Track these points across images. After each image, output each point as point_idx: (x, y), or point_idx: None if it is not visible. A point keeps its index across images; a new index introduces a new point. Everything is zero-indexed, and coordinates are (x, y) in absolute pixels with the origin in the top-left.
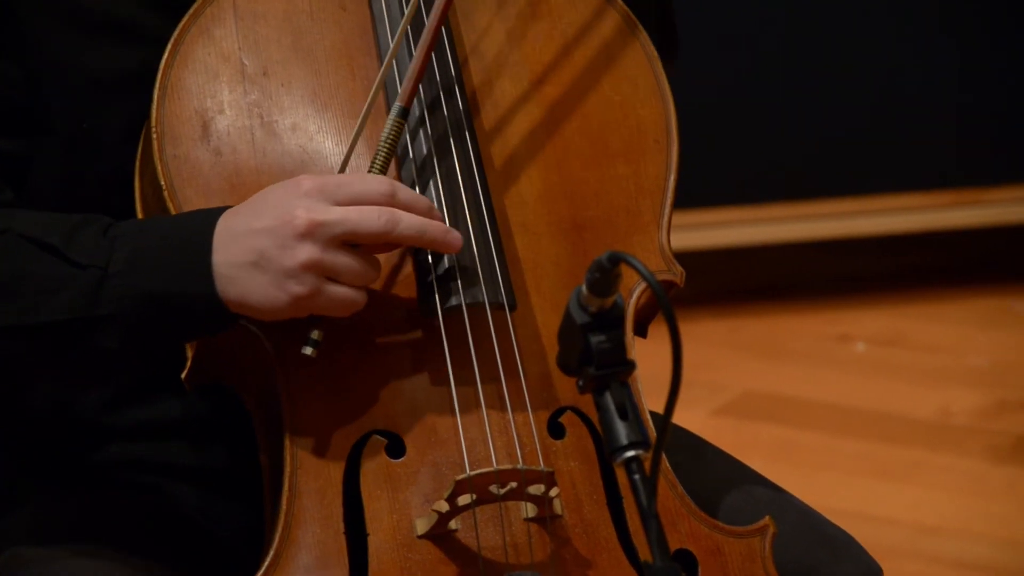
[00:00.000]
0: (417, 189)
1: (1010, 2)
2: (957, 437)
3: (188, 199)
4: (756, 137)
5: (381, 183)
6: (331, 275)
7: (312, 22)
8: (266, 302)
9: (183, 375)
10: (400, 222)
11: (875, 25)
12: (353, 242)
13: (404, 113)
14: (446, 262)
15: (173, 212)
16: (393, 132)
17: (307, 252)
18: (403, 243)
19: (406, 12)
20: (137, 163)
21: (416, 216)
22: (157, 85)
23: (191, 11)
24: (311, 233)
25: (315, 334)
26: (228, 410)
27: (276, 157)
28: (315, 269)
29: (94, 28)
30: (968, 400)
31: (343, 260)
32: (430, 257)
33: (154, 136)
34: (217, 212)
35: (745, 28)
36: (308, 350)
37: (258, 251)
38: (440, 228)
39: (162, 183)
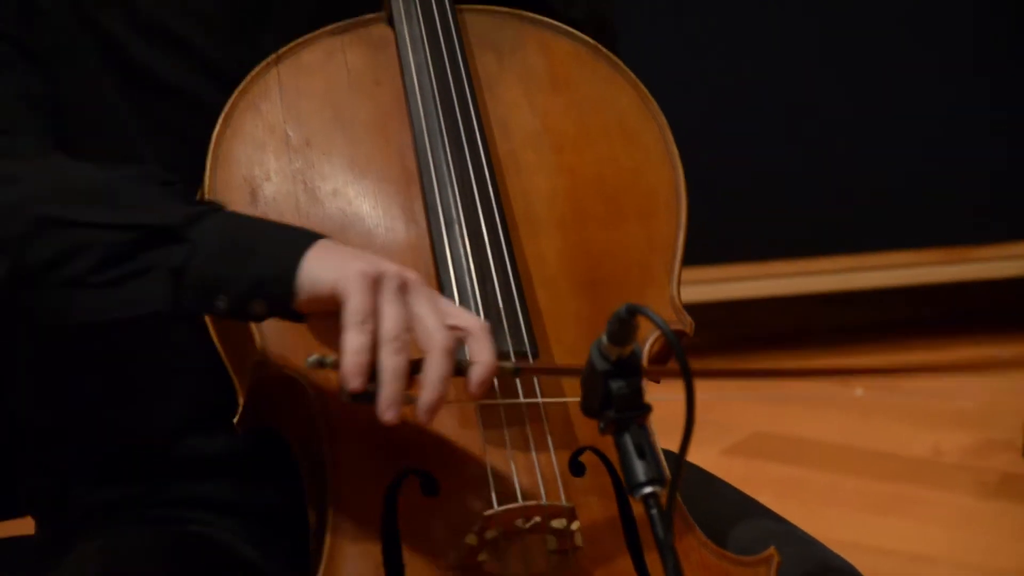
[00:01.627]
0: (446, 246)
1: (993, 75)
2: (948, 474)
3: None
4: (761, 200)
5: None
6: (403, 293)
7: (350, 96)
8: (335, 269)
9: (235, 419)
10: (448, 353)
11: (870, 101)
12: (412, 322)
13: None
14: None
15: None
16: None
17: (396, 269)
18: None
19: (435, 85)
20: None
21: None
22: (209, 155)
23: (240, 87)
24: (404, 279)
25: (319, 361)
26: (276, 451)
27: (318, 220)
28: (397, 279)
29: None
30: (957, 440)
31: (406, 305)
32: None
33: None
34: None
35: (752, 101)
36: (312, 362)
37: (353, 252)
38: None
39: None
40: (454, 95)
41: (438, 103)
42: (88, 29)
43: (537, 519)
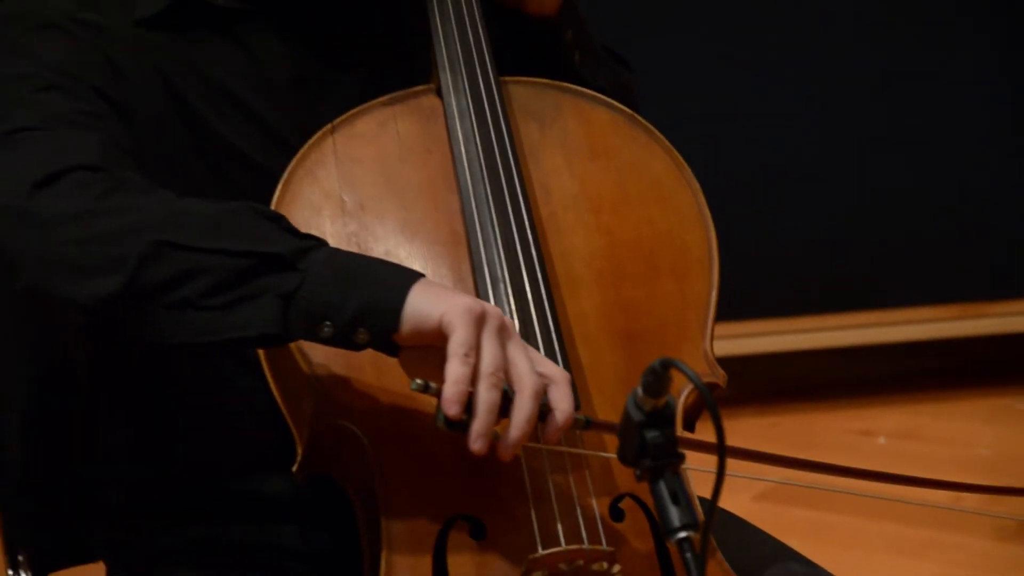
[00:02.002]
0: (491, 301)
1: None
2: (967, 519)
3: None
4: (790, 259)
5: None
6: (503, 334)
7: (401, 163)
8: (443, 303)
9: (294, 468)
10: (531, 403)
11: (891, 168)
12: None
13: None
14: None
15: None
16: None
17: (498, 311)
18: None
19: (481, 152)
20: None
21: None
22: None
23: (297, 155)
24: (504, 322)
25: (423, 386)
26: (334, 495)
27: None
28: (498, 320)
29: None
30: None
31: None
32: None
33: None
34: None
35: (781, 168)
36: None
37: (456, 291)
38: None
39: None
40: (499, 162)
41: (484, 170)
42: (168, 94)
43: (579, 562)
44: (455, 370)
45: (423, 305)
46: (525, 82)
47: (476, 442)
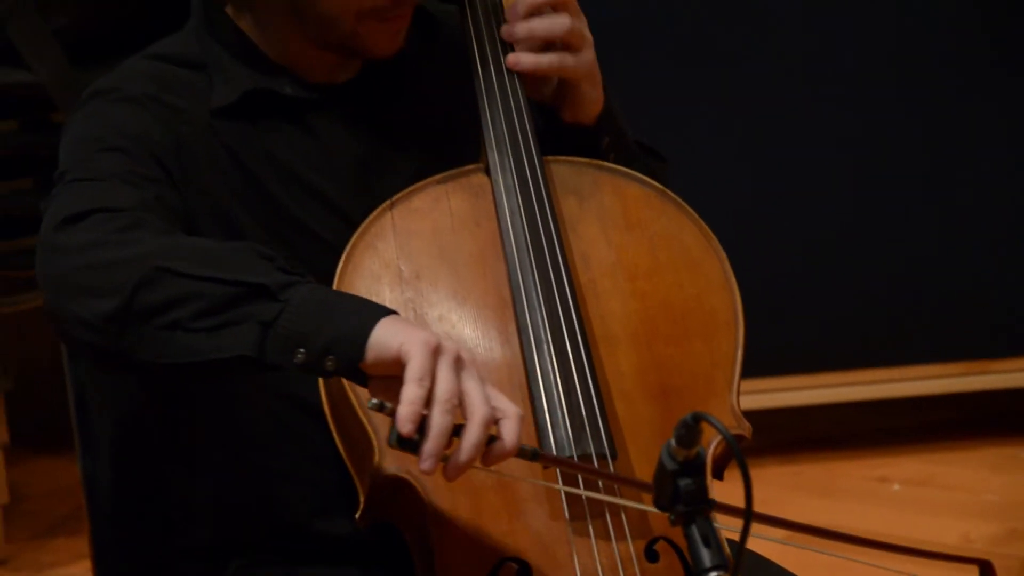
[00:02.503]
0: (536, 362)
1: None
2: None
3: None
4: (813, 320)
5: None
6: (458, 366)
7: (453, 236)
8: (402, 335)
9: (357, 515)
10: (479, 429)
11: (901, 239)
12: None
13: None
14: (561, 423)
15: (346, 386)
16: None
17: (454, 346)
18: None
19: (525, 226)
20: None
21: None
22: (335, 286)
23: (359, 229)
24: (460, 355)
25: (379, 405)
26: (393, 539)
27: None
28: (453, 353)
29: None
30: (985, 529)
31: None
32: (548, 418)
33: None
34: None
35: (801, 238)
36: (373, 403)
37: (419, 326)
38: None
39: None
40: (542, 234)
41: (528, 241)
42: (238, 172)
43: None
44: (409, 392)
45: (385, 337)
46: (565, 161)
47: (425, 462)
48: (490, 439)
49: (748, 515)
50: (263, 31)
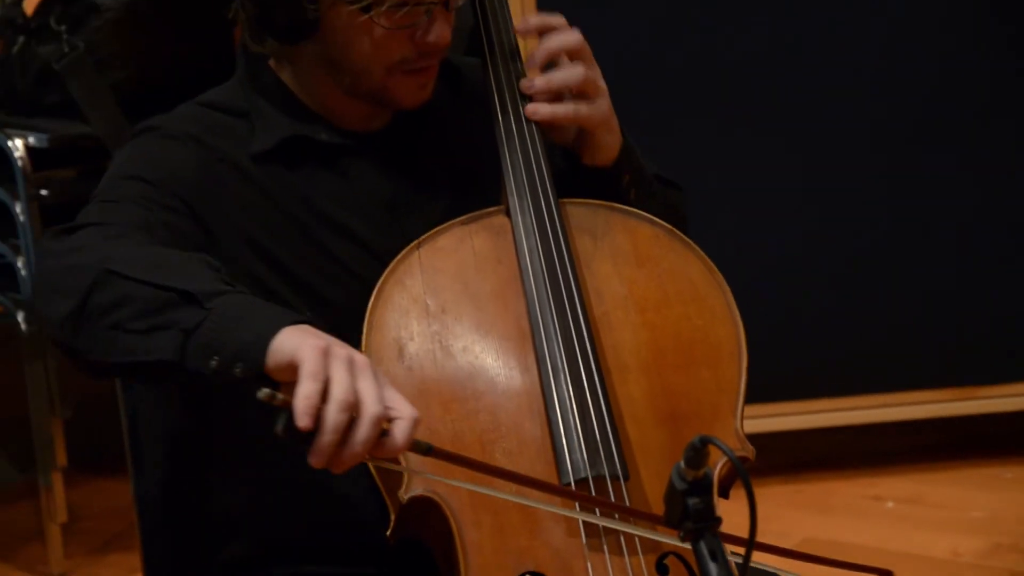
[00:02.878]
0: (554, 389)
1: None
2: (964, 572)
3: None
4: (811, 351)
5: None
6: (352, 366)
7: (476, 273)
8: (297, 341)
9: (388, 532)
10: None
11: (888, 271)
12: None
13: None
14: (577, 447)
15: None
16: None
17: (347, 349)
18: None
19: (543, 263)
20: None
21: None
22: (365, 322)
23: (389, 267)
24: (353, 357)
25: (271, 395)
26: (420, 552)
27: (451, 371)
28: (345, 353)
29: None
30: (972, 544)
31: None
32: (565, 442)
33: None
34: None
35: (796, 274)
36: (264, 392)
37: (317, 333)
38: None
39: None
40: (558, 271)
41: (546, 278)
42: (275, 209)
43: None
44: (303, 388)
45: (284, 344)
46: (580, 203)
47: (315, 456)
48: (384, 433)
49: (752, 532)
50: (301, 83)
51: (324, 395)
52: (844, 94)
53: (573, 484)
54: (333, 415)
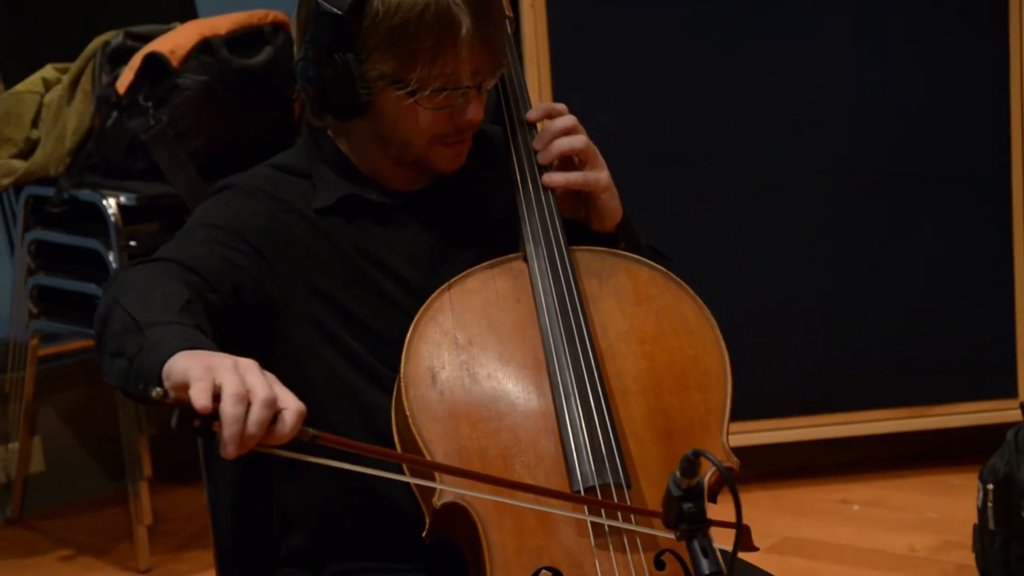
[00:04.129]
0: (565, 410)
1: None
2: (920, 566)
3: (423, 423)
4: (787, 376)
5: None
6: (237, 368)
7: (499, 311)
8: (188, 361)
9: (424, 534)
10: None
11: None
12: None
13: None
14: (586, 460)
15: (414, 430)
16: None
17: (231, 360)
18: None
19: (556, 303)
20: (393, 400)
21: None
22: (404, 351)
23: (424, 305)
24: (235, 361)
25: (163, 393)
26: (452, 549)
27: (477, 395)
28: (228, 361)
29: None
30: (926, 541)
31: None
32: (575, 455)
33: (402, 385)
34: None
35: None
36: (157, 391)
37: (208, 355)
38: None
39: (407, 413)
40: (569, 309)
41: (558, 315)
42: (335, 254)
43: None
44: (194, 388)
45: (175, 365)
46: (587, 249)
47: (226, 447)
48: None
49: (738, 531)
50: (355, 151)
51: (218, 397)
52: (806, 163)
53: (583, 491)
54: (230, 407)
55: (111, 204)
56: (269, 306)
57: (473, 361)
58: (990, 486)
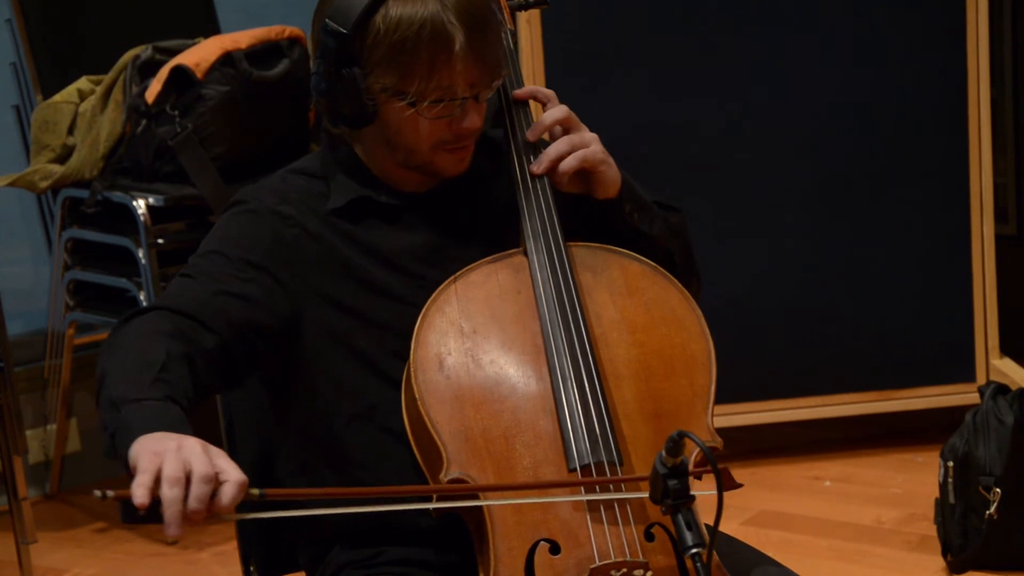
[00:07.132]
0: (563, 393)
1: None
2: (886, 536)
3: (431, 405)
4: (765, 363)
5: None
6: (180, 451)
7: (501, 301)
8: (139, 447)
9: (433, 512)
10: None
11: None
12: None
13: None
14: (582, 439)
15: (422, 412)
16: None
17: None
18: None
19: (554, 294)
20: (403, 384)
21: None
22: (413, 340)
23: (432, 297)
24: (181, 444)
25: (101, 496)
26: (459, 528)
27: (481, 379)
28: (175, 450)
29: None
30: (892, 514)
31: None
32: (572, 435)
33: (412, 370)
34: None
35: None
36: (100, 494)
37: (158, 442)
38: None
39: (416, 395)
40: (566, 300)
41: (556, 305)
42: (342, 255)
43: (624, 569)
44: (137, 479)
45: (134, 450)
46: (583, 245)
47: (168, 528)
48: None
49: (719, 506)
50: (367, 156)
51: (159, 482)
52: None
53: (579, 469)
54: (167, 490)
55: (141, 205)
56: (283, 321)
57: (477, 348)
58: (950, 463)
